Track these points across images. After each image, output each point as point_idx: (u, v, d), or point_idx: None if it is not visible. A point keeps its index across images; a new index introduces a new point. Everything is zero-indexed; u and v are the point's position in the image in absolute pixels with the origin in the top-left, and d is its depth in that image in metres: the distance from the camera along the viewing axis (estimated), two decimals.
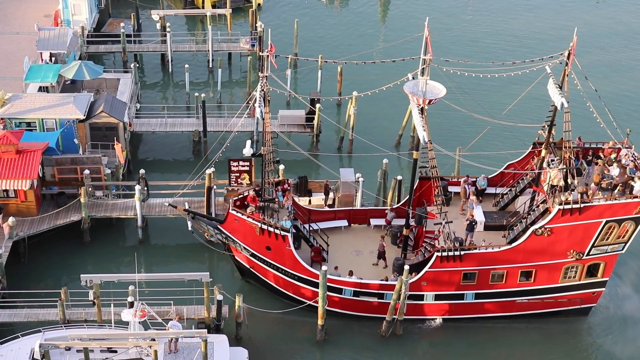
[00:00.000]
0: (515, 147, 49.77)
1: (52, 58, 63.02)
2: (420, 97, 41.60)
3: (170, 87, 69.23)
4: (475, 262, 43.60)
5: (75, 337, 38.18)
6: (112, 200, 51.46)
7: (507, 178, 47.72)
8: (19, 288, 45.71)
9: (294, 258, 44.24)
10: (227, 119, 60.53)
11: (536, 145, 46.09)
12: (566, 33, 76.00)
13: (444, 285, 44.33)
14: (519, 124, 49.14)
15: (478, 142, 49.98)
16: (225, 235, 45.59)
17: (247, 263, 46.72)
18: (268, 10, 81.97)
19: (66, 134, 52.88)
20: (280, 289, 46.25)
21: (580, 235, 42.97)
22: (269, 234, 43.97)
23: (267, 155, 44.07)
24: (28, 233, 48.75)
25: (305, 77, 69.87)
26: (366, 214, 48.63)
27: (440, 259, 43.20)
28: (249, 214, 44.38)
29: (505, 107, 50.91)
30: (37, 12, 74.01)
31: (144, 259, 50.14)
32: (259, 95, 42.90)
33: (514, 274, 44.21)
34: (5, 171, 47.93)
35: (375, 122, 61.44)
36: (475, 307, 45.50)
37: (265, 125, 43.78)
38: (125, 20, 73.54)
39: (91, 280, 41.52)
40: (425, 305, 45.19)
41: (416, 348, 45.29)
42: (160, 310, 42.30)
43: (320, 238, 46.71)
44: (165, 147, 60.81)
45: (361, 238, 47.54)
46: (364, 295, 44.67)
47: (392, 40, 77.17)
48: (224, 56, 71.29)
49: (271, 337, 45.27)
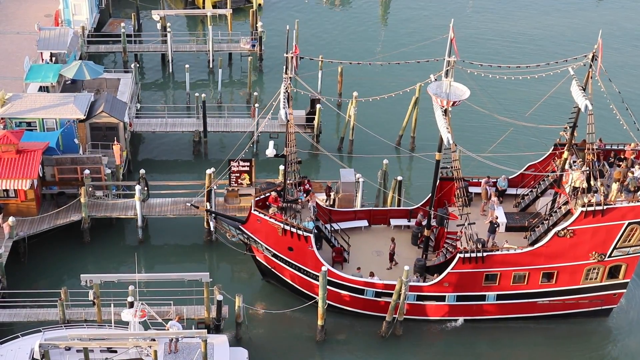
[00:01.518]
0: (536, 148, 49.67)
1: (53, 58, 63.04)
2: (444, 98, 41.50)
3: (171, 87, 69.24)
4: (498, 264, 43.66)
5: (75, 337, 38.18)
6: (112, 200, 51.46)
7: (528, 179, 47.81)
8: (19, 288, 45.73)
9: (316, 259, 44.25)
10: (228, 119, 60.54)
11: (557, 147, 46.22)
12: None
13: (466, 287, 44.39)
14: (540, 125, 48.97)
15: (497, 141, 50.00)
16: (246, 235, 45.63)
17: (268, 263, 46.74)
18: (268, 11, 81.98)
19: (66, 134, 52.88)
20: (301, 290, 46.21)
21: (602, 237, 43.01)
22: (291, 235, 44.01)
23: (290, 155, 44.04)
24: (28, 233, 48.75)
25: (305, 78, 69.75)
26: (386, 214, 48.67)
27: (463, 260, 43.26)
28: (272, 214, 44.44)
29: (524, 108, 50.67)
30: (38, 12, 74.02)
31: (144, 259, 50.15)
32: (283, 96, 42.85)
33: (535, 276, 44.26)
34: (5, 171, 47.94)
35: (375, 122, 61.39)
36: (497, 308, 45.55)
37: (289, 125, 43.67)
38: (125, 20, 73.54)
39: (91, 280, 41.52)
40: (447, 306, 45.25)
41: (416, 348, 45.29)
42: (160, 311, 42.31)
43: (341, 238, 46.71)
44: (166, 147, 60.82)
45: (382, 238, 47.50)
46: (386, 296, 44.71)
47: (393, 40, 77.37)
48: (224, 56, 71.28)
49: (271, 338, 45.27)
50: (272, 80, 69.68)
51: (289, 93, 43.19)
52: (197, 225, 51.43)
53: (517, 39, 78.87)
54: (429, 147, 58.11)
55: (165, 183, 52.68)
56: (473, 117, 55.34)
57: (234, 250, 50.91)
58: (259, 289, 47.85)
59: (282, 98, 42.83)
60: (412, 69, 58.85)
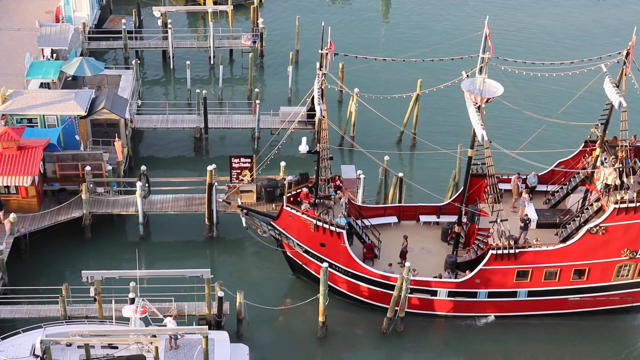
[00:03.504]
0: (566, 145, 49.52)
1: (54, 54, 63.03)
2: (477, 95, 41.44)
3: (172, 83, 69.22)
4: (529, 260, 43.71)
5: (77, 333, 38.22)
6: (113, 197, 51.47)
7: (558, 176, 47.83)
8: (20, 284, 45.76)
9: (349, 255, 44.32)
10: (229, 116, 60.54)
11: (588, 144, 46.19)
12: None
13: (498, 283, 44.44)
14: (569, 122, 48.88)
15: (526, 138, 49.79)
16: (278, 231, 45.69)
17: (299, 259, 46.77)
18: (269, 7, 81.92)
19: (67, 131, 52.88)
20: (333, 286, 46.21)
21: (634, 234, 43.00)
22: (323, 231, 44.07)
23: (322, 151, 44.10)
24: (29, 229, 48.77)
25: (307, 74, 69.80)
26: (416, 211, 48.76)
27: (495, 256, 43.31)
28: (304, 210, 44.48)
29: (553, 105, 50.23)
30: (39, 8, 73.98)
31: (145, 255, 50.17)
32: (317, 92, 42.77)
33: (567, 272, 44.29)
34: (6, 167, 47.95)
35: (376, 119, 61.39)
36: (528, 304, 45.59)
37: (322, 122, 43.69)
38: (126, 17, 73.55)
39: (92, 276, 41.53)
40: (479, 302, 45.28)
41: (417, 345, 45.30)
42: (161, 307, 42.32)
43: (372, 234, 46.77)
44: (167, 144, 60.82)
45: (411, 235, 47.44)
46: (418, 292, 44.77)
47: (394, 36, 77.34)
48: (225, 53, 71.31)
49: (272, 334, 45.32)
50: (273, 77, 69.71)
51: (323, 89, 43.21)
52: (198, 221, 51.45)
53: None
54: (430, 144, 58.30)
55: (166, 179, 52.68)
56: (502, 113, 55.18)
57: (235, 246, 51.10)
58: (260, 286, 47.85)
59: (317, 94, 42.87)
60: (415, 67, 58.94)
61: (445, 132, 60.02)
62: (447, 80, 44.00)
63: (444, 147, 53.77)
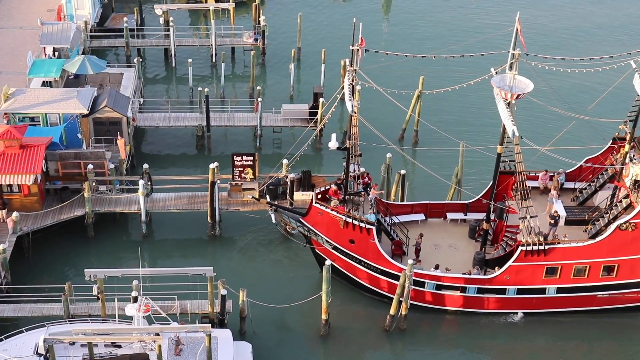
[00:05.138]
0: (593, 141, 49.38)
1: (56, 53, 63.04)
2: (507, 91, 41.48)
3: (174, 81, 69.20)
4: (559, 257, 43.81)
5: (80, 332, 38.23)
6: (115, 195, 51.47)
7: (586, 173, 47.86)
8: (23, 283, 45.80)
9: (378, 251, 44.48)
10: (231, 114, 60.53)
11: (616, 140, 46.21)
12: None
13: (527, 280, 44.51)
14: (595, 118, 48.73)
15: (555, 135, 49.68)
16: (307, 228, 45.78)
17: (327, 256, 46.89)
18: (271, 4, 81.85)
19: (70, 129, 52.87)
20: (361, 282, 46.41)
21: None
22: (353, 227, 44.13)
23: (352, 148, 44.17)
24: (32, 228, 48.78)
25: (308, 72, 69.75)
26: (443, 208, 48.96)
27: (525, 253, 43.38)
28: (334, 207, 44.54)
29: (580, 101, 49.72)
30: (41, 6, 73.99)
31: (148, 253, 50.14)
32: (347, 88, 42.85)
33: (596, 269, 44.33)
34: (9, 166, 47.96)
35: (378, 116, 61.35)
36: (557, 301, 45.65)
37: (353, 118, 43.69)
38: (128, 15, 73.51)
39: (95, 275, 41.53)
40: (507, 299, 45.33)
41: (420, 342, 45.30)
42: (164, 305, 42.33)
43: (400, 231, 46.88)
44: (169, 142, 60.83)
45: (438, 232, 47.76)
46: (447, 289, 44.87)
47: (396, 33, 77.27)
48: (227, 50, 71.23)
49: (275, 332, 45.31)
50: (275, 74, 69.66)
51: (354, 85, 43.22)
52: (201, 219, 51.47)
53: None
54: (432, 141, 58.34)
55: (169, 178, 52.69)
56: (529, 109, 54.98)
57: (237, 244, 51.09)
58: (262, 283, 47.84)
59: (347, 91, 42.95)
60: (416, 63, 58.73)
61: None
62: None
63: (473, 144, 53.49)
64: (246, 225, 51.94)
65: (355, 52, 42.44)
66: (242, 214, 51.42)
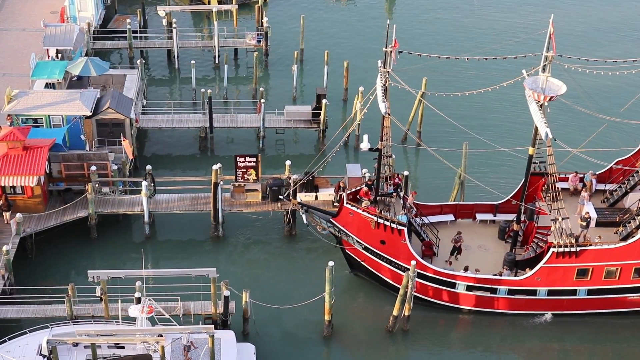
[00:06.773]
0: (623, 143, 49.21)
1: (59, 54, 63.07)
2: (540, 93, 41.43)
3: (177, 83, 69.23)
4: (590, 259, 43.73)
5: (83, 333, 38.28)
6: (118, 197, 51.50)
7: (617, 175, 47.77)
8: (26, 284, 45.83)
9: (409, 252, 44.46)
10: (234, 115, 60.54)
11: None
12: None
13: (558, 281, 44.47)
14: (625, 120, 48.60)
15: (584, 136, 49.46)
16: (337, 228, 45.79)
17: (358, 256, 46.84)
18: (274, 6, 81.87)
19: (73, 130, 52.92)
20: (391, 283, 46.39)
21: None
22: (384, 228, 44.17)
23: (384, 149, 44.19)
24: (35, 229, 48.83)
25: (311, 73, 69.71)
26: (472, 209, 48.92)
27: (556, 254, 43.36)
28: (365, 207, 44.55)
29: (610, 103, 49.04)
30: (44, 8, 74.02)
31: (151, 255, 50.20)
32: (380, 90, 42.86)
33: (627, 271, 44.28)
34: (12, 167, 48.01)
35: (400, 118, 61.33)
36: (587, 303, 45.58)
37: (386, 119, 43.65)
38: (131, 17, 73.52)
39: (98, 276, 41.59)
40: (538, 300, 45.31)
41: (423, 343, 45.26)
42: (167, 306, 42.34)
43: (430, 232, 46.89)
44: (172, 143, 60.82)
45: (468, 232, 47.65)
46: (478, 290, 44.87)
47: (399, 33, 77.05)
48: (230, 52, 71.28)
49: (278, 333, 45.28)
50: (278, 76, 69.62)
51: (387, 87, 43.26)
52: (204, 221, 51.48)
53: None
54: (435, 142, 58.15)
55: (172, 179, 52.73)
56: (560, 111, 54.75)
57: (240, 245, 51.09)
58: (266, 285, 47.84)
59: (380, 92, 42.96)
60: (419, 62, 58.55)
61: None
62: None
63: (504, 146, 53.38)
64: (249, 226, 51.98)
65: (388, 53, 42.44)
66: (245, 215, 51.46)
